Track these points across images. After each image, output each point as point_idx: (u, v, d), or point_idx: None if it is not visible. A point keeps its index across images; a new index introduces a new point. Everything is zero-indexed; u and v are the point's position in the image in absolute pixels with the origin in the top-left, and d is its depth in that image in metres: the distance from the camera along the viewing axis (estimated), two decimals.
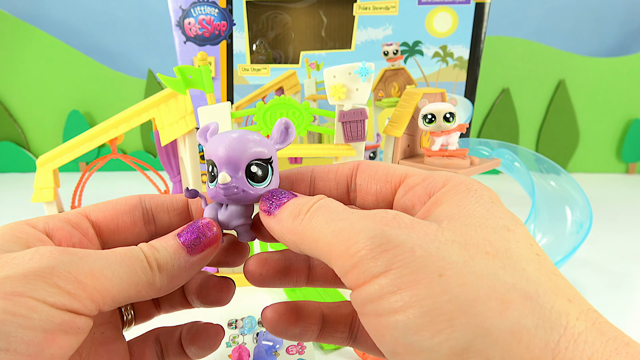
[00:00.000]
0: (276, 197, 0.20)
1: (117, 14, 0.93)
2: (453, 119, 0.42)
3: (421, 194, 0.19)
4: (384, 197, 0.21)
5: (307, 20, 0.76)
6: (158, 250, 0.20)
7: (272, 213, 0.20)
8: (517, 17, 0.93)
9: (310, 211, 0.18)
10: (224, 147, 0.21)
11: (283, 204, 0.19)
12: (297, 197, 0.20)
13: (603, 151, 0.95)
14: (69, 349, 0.17)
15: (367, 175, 0.22)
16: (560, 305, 0.15)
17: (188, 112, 0.47)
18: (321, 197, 0.19)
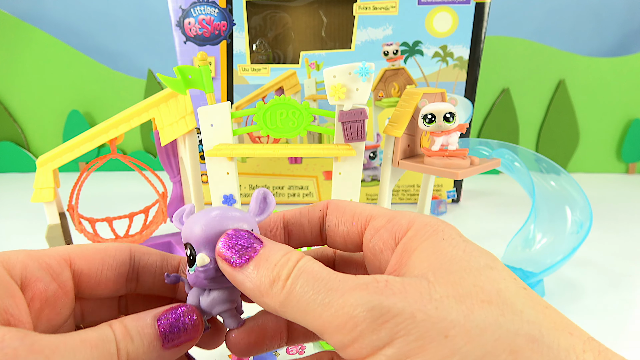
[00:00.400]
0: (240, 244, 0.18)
1: (117, 14, 0.93)
2: (453, 119, 0.42)
3: (387, 238, 0.19)
4: (352, 239, 0.21)
5: (307, 20, 0.76)
6: (132, 341, 0.18)
7: (238, 265, 0.18)
8: (517, 17, 0.93)
9: (291, 277, 0.17)
10: (200, 227, 0.20)
11: (252, 257, 0.18)
12: (265, 247, 0.18)
13: (603, 151, 0.95)
14: None
15: (334, 217, 0.22)
16: (564, 341, 0.15)
17: (188, 112, 0.47)
18: (299, 257, 0.18)
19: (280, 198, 0.77)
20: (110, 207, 0.73)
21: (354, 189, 0.44)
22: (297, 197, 0.77)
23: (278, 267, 0.17)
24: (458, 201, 0.78)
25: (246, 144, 0.62)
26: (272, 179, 0.75)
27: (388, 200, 0.47)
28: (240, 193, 0.45)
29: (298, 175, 0.75)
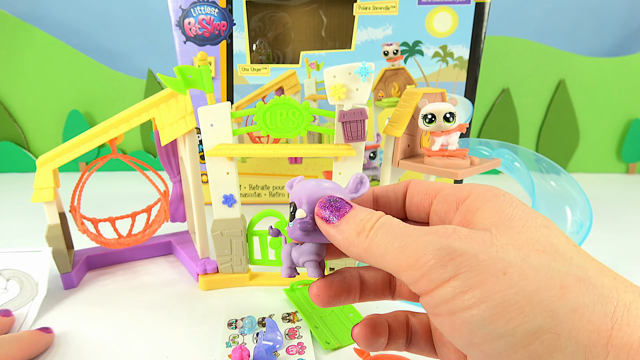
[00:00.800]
0: (334, 206, 0.22)
1: (117, 14, 0.93)
2: (453, 119, 0.42)
3: (450, 201, 0.22)
4: (423, 207, 0.24)
5: (307, 20, 0.76)
6: None
7: (331, 222, 0.21)
8: (517, 17, 0.93)
9: (373, 229, 0.20)
10: (304, 190, 0.24)
11: (343, 216, 0.21)
12: (355, 209, 0.21)
13: (603, 151, 0.95)
14: None
15: (413, 191, 0.25)
16: (609, 283, 0.17)
17: (188, 112, 0.47)
18: (381, 215, 0.21)
19: (280, 198, 0.77)
20: (111, 207, 0.73)
21: None
22: None
23: (363, 222, 0.20)
24: None
25: (246, 144, 0.62)
26: (272, 179, 0.75)
27: None
28: (240, 193, 0.45)
29: (298, 175, 0.75)
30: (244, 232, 0.46)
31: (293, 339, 0.39)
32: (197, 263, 0.49)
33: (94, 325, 0.42)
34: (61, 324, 0.42)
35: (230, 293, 0.47)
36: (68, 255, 0.48)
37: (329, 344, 0.38)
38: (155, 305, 0.45)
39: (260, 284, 0.49)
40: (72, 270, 0.48)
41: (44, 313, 0.44)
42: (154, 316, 0.43)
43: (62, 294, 0.47)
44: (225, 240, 0.46)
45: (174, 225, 0.63)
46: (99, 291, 0.48)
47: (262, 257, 0.47)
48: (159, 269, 0.53)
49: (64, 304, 0.45)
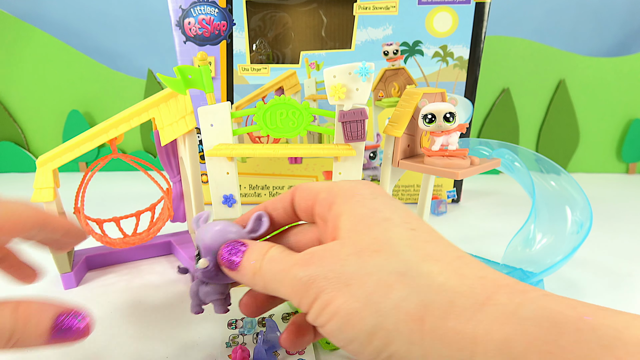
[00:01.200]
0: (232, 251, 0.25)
1: (116, 14, 0.93)
2: (453, 119, 0.42)
3: (325, 205, 0.25)
4: (309, 210, 0.27)
5: (307, 20, 0.76)
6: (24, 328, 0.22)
7: (234, 269, 0.25)
8: (517, 17, 0.93)
9: (262, 269, 0.24)
10: (207, 239, 0.26)
11: (239, 261, 0.25)
12: (247, 251, 0.25)
13: (603, 151, 0.95)
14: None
15: (299, 198, 0.27)
16: (426, 270, 0.20)
17: (188, 112, 0.47)
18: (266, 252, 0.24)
19: None
20: (113, 207, 0.73)
21: None
22: None
23: (255, 264, 0.24)
24: (458, 201, 0.78)
25: (246, 144, 0.62)
26: (272, 179, 0.75)
27: None
28: (240, 193, 0.45)
29: (298, 175, 0.75)
30: None
31: None
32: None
33: (94, 326, 0.42)
34: None
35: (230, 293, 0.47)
36: (68, 256, 0.48)
37: (329, 344, 0.38)
38: (155, 305, 0.45)
39: None
40: (72, 271, 0.48)
41: None
42: (154, 316, 0.43)
43: (62, 294, 0.47)
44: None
45: (174, 225, 0.63)
46: (99, 291, 0.48)
47: None
48: (159, 269, 0.53)
49: None
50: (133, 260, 0.55)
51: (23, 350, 0.23)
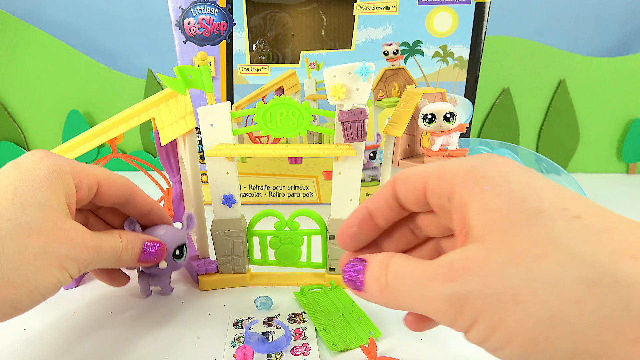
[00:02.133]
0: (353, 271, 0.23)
1: (116, 13, 0.93)
2: (453, 119, 0.42)
3: (441, 195, 0.21)
4: (422, 202, 0.23)
5: (307, 20, 0.76)
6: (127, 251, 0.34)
7: (360, 289, 0.22)
8: (517, 17, 0.93)
9: (388, 284, 0.21)
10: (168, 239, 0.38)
11: (362, 279, 0.22)
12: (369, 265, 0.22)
13: (603, 151, 0.95)
14: None
15: (403, 189, 0.23)
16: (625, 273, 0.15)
17: (188, 112, 0.47)
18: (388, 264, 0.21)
19: (280, 198, 0.77)
20: None
21: (354, 189, 0.44)
22: (297, 197, 0.76)
23: (378, 279, 0.21)
24: None
25: (246, 144, 0.62)
26: (272, 179, 0.75)
27: None
28: (240, 193, 0.45)
29: (298, 175, 0.75)
30: (244, 232, 0.46)
31: (298, 340, 0.39)
32: (197, 263, 0.49)
33: (94, 326, 0.42)
34: (61, 325, 0.42)
35: (231, 293, 0.47)
36: None
37: (335, 345, 0.38)
38: (155, 306, 0.45)
39: (260, 284, 0.49)
40: None
41: (44, 313, 0.44)
42: (154, 316, 0.43)
43: (62, 294, 0.47)
44: (225, 240, 0.46)
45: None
46: (99, 291, 0.48)
47: (262, 257, 0.47)
48: None
49: (64, 304, 0.45)
50: None
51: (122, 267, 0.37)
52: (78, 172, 0.31)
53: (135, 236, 0.35)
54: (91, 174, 0.32)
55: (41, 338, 0.40)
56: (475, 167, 0.20)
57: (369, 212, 0.25)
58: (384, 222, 0.25)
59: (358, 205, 0.26)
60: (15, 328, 0.41)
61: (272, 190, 0.76)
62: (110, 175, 0.34)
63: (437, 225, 0.25)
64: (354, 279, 0.22)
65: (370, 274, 0.22)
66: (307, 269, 0.48)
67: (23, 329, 0.41)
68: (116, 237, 0.33)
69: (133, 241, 0.35)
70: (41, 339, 0.40)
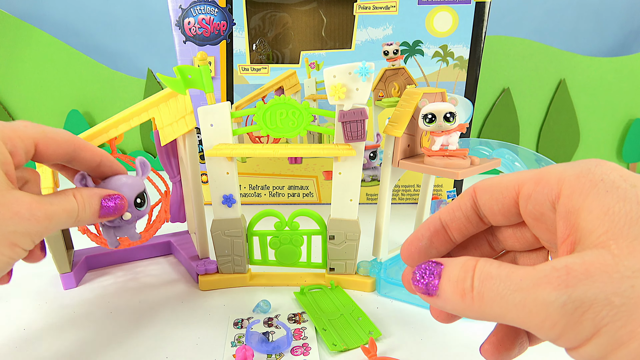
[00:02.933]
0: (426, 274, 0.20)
1: (116, 13, 0.93)
2: (453, 119, 0.42)
3: (542, 201, 0.19)
4: (509, 212, 0.21)
5: (307, 20, 0.76)
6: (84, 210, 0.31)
7: (433, 294, 0.19)
8: (518, 16, 0.93)
9: (475, 287, 0.18)
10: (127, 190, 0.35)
11: (437, 283, 0.19)
12: (446, 268, 0.19)
13: (604, 151, 0.95)
14: None
15: (486, 199, 0.21)
16: None
17: (188, 112, 0.47)
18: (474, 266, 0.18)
19: (280, 198, 0.77)
20: None
21: (354, 189, 0.44)
22: (297, 197, 0.76)
23: (461, 282, 0.18)
24: None
25: (246, 144, 0.61)
26: (272, 179, 0.75)
27: (388, 201, 0.47)
28: (240, 193, 0.45)
29: (298, 175, 0.75)
30: (244, 232, 0.46)
31: (298, 340, 0.39)
32: (197, 263, 0.49)
33: (94, 326, 0.42)
34: (61, 325, 0.42)
35: (231, 293, 0.47)
36: (67, 256, 0.48)
37: (335, 345, 0.38)
38: (155, 306, 0.45)
39: (260, 284, 0.49)
40: (71, 271, 0.48)
41: (44, 313, 0.44)
42: (154, 316, 0.43)
43: (62, 294, 0.47)
44: (225, 240, 0.46)
45: (174, 225, 0.63)
46: (99, 291, 0.48)
47: (262, 257, 0.47)
48: (159, 269, 0.53)
49: (64, 304, 0.45)
50: (133, 260, 0.55)
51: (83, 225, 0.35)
52: (9, 137, 0.28)
53: (90, 192, 0.32)
54: (25, 136, 0.29)
55: (41, 338, 0.40)
56: (588, 169, 0.18)
57: (443, 224, 0.23)
58: (459, 236, 0.23)
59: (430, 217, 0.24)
60: (15, 328, 0.41)
61: (272, 190, 0.76)
62: (48, 133, 0.31)
63: (521, 237, 0.23)
64: (427, 281, 0.19)
65: (448, 276, 0.19)
66: (307, 269, 0.48)
67: (23, 329, 0.41)
68: (70, 198, 0.31)
69: (89, 198, 0.32)
70: (41, 339, 0.40)
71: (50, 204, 0.29)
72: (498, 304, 0.17)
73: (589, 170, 0.18)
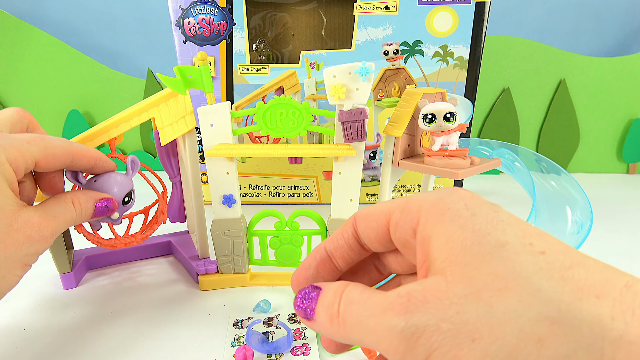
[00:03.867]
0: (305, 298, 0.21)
1: (116, 13, 0.93)
2: (453, 119, 0.42)
3: (406, 229, 0.20)
4: (384, 239, 0.22)
5: (307, 20, 0.76)
6: (81, 213, 0.35)
7: (310, 319, 0.20)
8: (518, 16, 0.93)
9: (340, 312, 0.19)
10: (116, 190, 0.39)
11: (314, 308, 0.20)
12: (322, 292, 0.20)
13: (604, 151, 0.95)
14: None
15: (364, 227, 0.22)
16: (589, 313, 0.14)
17: (188, 112, 0.47)
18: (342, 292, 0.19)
19: (280, 198, 0.77)
20: None
21: (354, 189, 0.44)
22: (297, 197, 0.76)
23: (330, 307, 0.19)
24: None
25: (246, 144, 0.61)
26: (272, 179, 0.75)
27: None
28: (240, 193, 0.45)
29: (298, 175, 0.75)
30: (244, 232, 0.46)
31: (298, 340, 0.39)
32: (197, 263, 0.49)
33: (94, 326, 0.42)
34: (61, 325, 0.42)
35: (231, 293, 0.47)
36: (67, 256, 0.48)
37: None
38: (155, 306, 0.45)
39: (260, 284, 0.48)
40: (71, 271, 0.48)
41: (44, 314, 0.44)
42: (154, 316, 0.43)
43: (62, 294, 0.47)
44: (225, 240, 0.46)
45: (174, 225, 0.63)
46: (99, 291, 0.48)
47: (262, 257, 0.47)
48: (159, 269, 0.53)
49: (64, 304, 0.45)
50: (132, 260, 0.55)
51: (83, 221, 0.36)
52: (14, 157, 0.30)
53: (86, 197, 0.36)
54: (27, 155, 0.31)
55: (41, 338, 0.40)
56: (440, 198, 0.19)
57: (328, 253, 0.23)
58: (344, 264, 0.24)
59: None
60: (16, 328, 0.41)
61: (272, 190, 0.76)
62: (49, 149, 0.33)
63: (401, 262, 0.24)
64: (305, 306, 0.20)
65: (322, 302, 0.20)
66: None
67: (23, 328, 0.41)
68: (69, 206, 0.34)
69: (86, 203, 0.35)
70: (41, 339, 0.40)
71: (54, 218, 0.32)
72: (357, 329, 0.18)
73: (441, 199, 0.19)
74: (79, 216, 0.35)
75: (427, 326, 0.16)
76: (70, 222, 0.34)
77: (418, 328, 0.16)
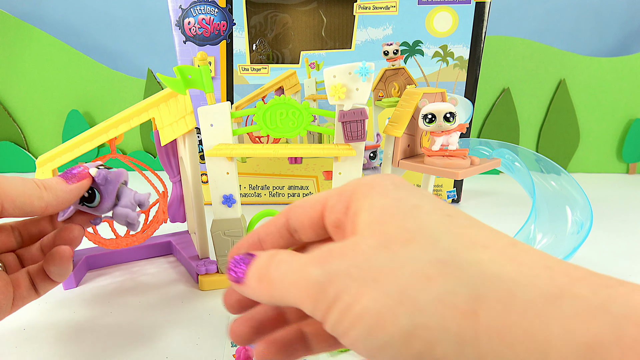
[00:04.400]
0: (239, 263, 0.22)
1: (116, 13, 0.93)
2: (453, 119, 0.42)
3: (340, 208, 0.21)
4: (317, 225, 0.23)
5: (307, 20, 0.76)
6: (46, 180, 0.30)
7: (241, 282, 0.21)
8: (518, 16, 0.93)
9: (270, 272, 0.20)
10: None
11: (245, 271, 0.21)
12: (255, 258, 0.21)
13: (604, 151, 0.95)
14: None
15: (299, 214, 0.23)
16: (473, 258, 0.16)
17: (188, 112, 0.47)
18: (275, 254, 0.20)
19: (280, 198, 0.77)
20: None
21: None
22: (297, 197, 0.76)
23: (260, 267, 0.20)
24: (458, 201, 0.78)
25: (246, 144, 0.61)
26: (272, 179, 0.75)
27: None
28: (240, 193, 0.45)
29: (298, 175, 0.75)
30: (244, 232, 0.46)
31: None
32: (197, 263, 0.49)
33: (94, 326, 0.42)
34: (60, 325, 0.42)
35: None
36: None
37: None
38: (155, 306, 0.45)
39: None
40: (71, 271, 0.48)
41: (44, 314, 0.44)
42: (154, 316, 0.43)
43: (62, 294, 0.47)
44: (225, 240, 0.46)
45: (174, 225, 0.63)
46: (99, 291, 0.48)
47: None
48: (159, 269, 0.53)
49: (64, 304, 0.45)
50: (132, 260, 0.55)
51: (65, 203, 0.31)
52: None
53: (54, 178, 0.32)
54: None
55: (41, 338, 0.40)
56: (372, 179, 0.21)
57: (259, 238, 0.24)
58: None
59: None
60: (16, 328, 0.41)
61: (272, 190, 0.76)
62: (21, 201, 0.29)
63: None
64: (238, 270, 0.21)
65: (256, 265, 0.21)
66: None
67: (23, 329, 0.41)
68: (40, 190, 0.30)
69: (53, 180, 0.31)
70: (41, 339, 0.40)
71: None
72: (280, 285, 0.19)
73: (372, 179, 0.21)
74: (49, 193, 0.30)
75: (339, 272, 0.17)
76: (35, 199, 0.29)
77: (331, 274, 0.17)
